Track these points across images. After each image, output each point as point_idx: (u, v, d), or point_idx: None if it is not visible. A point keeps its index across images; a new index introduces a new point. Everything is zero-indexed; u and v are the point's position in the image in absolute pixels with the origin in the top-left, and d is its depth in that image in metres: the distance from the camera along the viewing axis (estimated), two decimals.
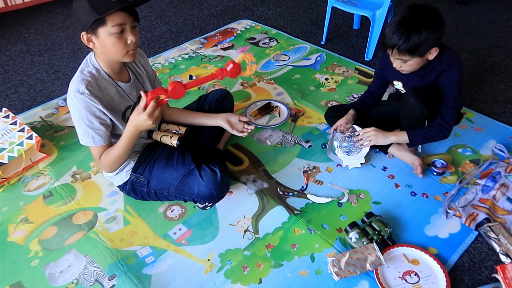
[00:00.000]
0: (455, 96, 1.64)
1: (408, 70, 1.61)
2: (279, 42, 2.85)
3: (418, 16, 1.50)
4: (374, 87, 1.93)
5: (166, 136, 1.64)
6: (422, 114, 1.67)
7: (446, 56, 1.58)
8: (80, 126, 1.44)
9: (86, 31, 1.32)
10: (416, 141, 1.72)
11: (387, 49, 1.56)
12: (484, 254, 1.51)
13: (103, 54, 1.40)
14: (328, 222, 1.63)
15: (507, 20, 3.00)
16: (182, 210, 1.71)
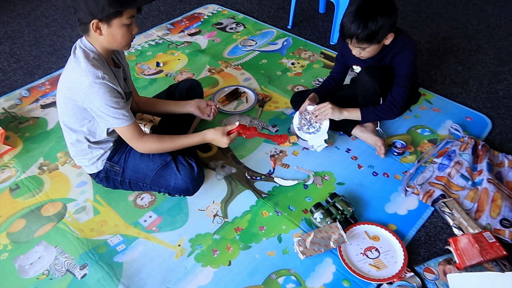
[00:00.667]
0: (406, 76, 1.73)
1: (367, 56, 1.67)
2: (246, 27, 2.85)
3: (373, 5, 1.55)
4: (335, 72, 1.99)
5: (140, 123, 1.67)
6: (375, 90, 1.76)
7: (399, 40, 1.66)
8: (109, 111, 1.41)
9: (99, 19, 1.33)
10: (368, 117, 1.81)
11: (346, 38, 1.61)
12: (439, 228, 1.61)
13: (108, 42, 1.41)
14: (294, 204, 1.70)
15: (466, 3, 3.10)
16: (152, 198, 1.73)
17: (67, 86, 1.43)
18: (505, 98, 2.21)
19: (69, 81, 1.41)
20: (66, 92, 1.44)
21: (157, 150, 1.60)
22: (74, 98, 1.43)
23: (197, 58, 2.55)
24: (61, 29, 2.91)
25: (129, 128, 1.49)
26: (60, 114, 1.55)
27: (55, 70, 2.50)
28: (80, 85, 1.38)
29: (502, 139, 1.97)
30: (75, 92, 1.40)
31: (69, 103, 1.46)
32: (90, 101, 1.39)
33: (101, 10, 1.31)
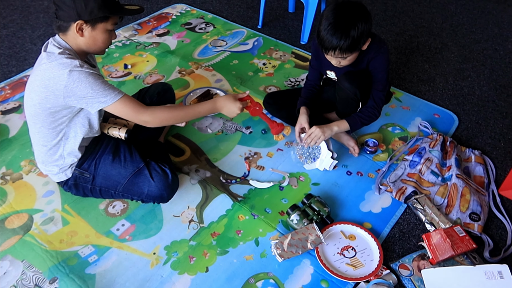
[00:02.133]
0: (383, 80, 1.74)
1: (346, 64, 1.65)
2: (216, 27, 2.82)
3: (349, 13, 1.52)
4: (312, 79, 1.94)
5: (114, 127, 1.60)
6: (356, 96, 1.76)
7: (373, 44, 1.65)
8: (98, 90, 1.33)
9: (85, 20, 1.32)
10: (355, 127, 1.80)
11: (329, 51, 1.57)
12: (412, 225, 1.64)
13: (86, 45, 1.39)
14: (270, 206, 1.69)
15: (430, 2, 3.19)
16: (124, 205, 1.68)
17: (43, 84, 1.34)
18: (469, 95, 2.29)
19: (44, 78, 1.33)
20: (42, 91, 1.35)
21: (169, 119, 1.49)
22: (52, 96, 1.34)
23: (166, 60, 2.50)
24: (20, 30, 2.77)
25: (126, 100, 1.39)
26: (34, 116, 1.45)
27: (15, 74, 2.38)
28: (58, 78, 1.30)
29: (468, 134, 2.04)
30: (54, 87, 1.32)
31: (46, 102, 1.37)
32: (73, 91, 1.31)
33: (90, 12, 1.31)
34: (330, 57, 1.62)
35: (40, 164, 1.61)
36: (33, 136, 1.54)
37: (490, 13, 3.04)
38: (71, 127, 1.47)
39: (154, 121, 1.46)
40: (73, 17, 1.31)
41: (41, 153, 1.55)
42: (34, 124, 1.48)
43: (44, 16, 2.93)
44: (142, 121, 1.45)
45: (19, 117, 2.09)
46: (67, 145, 1.51)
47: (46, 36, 2.71)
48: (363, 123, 1.80)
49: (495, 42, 2.72)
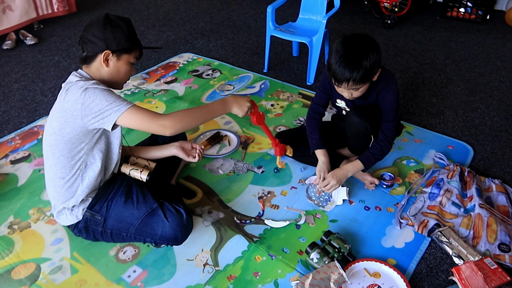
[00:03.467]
0: (393, 111, 1.73)
1: (358, 95, 1.64)
2: (223, 73, 2.88)
3: (359, 44, 1.54)
4: (318, 102, 1.87)
5: (136, 170, 1.59)
6: (367, 130, 1.74)
7: (382, 76, 1.66)
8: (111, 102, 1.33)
9: (112, 51, 1.41)
10: (369, 164, 1.76)
11: (342, 83, 1.56)
12: (439, 259, 1.56)
13: (110, 74, 1.46)
14: (288, 245, 1.62)
15: (430, 41, 3.27)
16: (136, 251, 1.61)
17: (62, 108, 1.39)
18: (481, 125, 2.26)
19: (63, 103, 1.39)
20: (61, 115, 1.39)
21: (187, 120, 1.43)
22: (71, 118, 1.37)
23: (175, 105, 2.52)
24: (31, 84, 2.84)
25: (140, 108, 1.38)
26: (53, 146, 1.45)
27: (25, 125, 2.40)
28: (75, 99, 1.35)
29: (486, 164, 1.99)
30: (72, 109, 1.36)
31: (66, 127, 1.40)
32: (90, 107, 1.33)
33: (117, 43, 1.41)
34: (343, 89, 1.61)
35: (53, 201, 1.56)
36: (50, 169, 1.51)
37: (491, 48, 3.10)
38: (90, 155, 1.48)
39: (173, 124, 1.39)
40: (101, 48, 1.41)
41: (57, 188, 1.51)
42: (52, 155, 1.47)
43: (54, 69, 3.02)
44: (161, 125, 1.37)
45: (28, 166, 2.08)
46: (86, 174, 1.49)
47: (56, 88, 2.77)
48: (376, 159, 1.76)
49: (499, 75, 2.75)
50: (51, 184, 1.54)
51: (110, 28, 1.41)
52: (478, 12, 3.52)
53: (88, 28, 1.43)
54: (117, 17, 1.45)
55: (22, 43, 3.43)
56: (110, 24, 1.41)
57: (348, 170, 1.74)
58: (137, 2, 4.32)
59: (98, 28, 1.41)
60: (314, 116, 1.88)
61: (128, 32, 1.44)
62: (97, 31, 1.40)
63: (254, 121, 1.66)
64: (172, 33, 3.58)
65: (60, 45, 3.41)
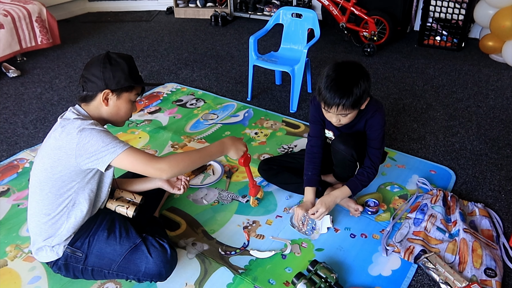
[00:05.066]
0: (380, 138, 1.75)
1: (346, 122, 1.65)
2: (206, 102, 2.89)
3: (350, 71, 1.57)
4: (315, 135, 1.86)
5: (122, 206, 1.57)
6: (352, 157, 1.75)
7: (371, 104, 1.68)
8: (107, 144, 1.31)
9: (112, 90, 1.39)
10: (357, 190, 1.78)
11: (331, 107, 1.57)
12: (427, 286, 1.54)
13: (110, 114, 1.45)
14: (274, 276, 1.58)
15: (409, 67, 3.36)
16: (117, 287, 1.55)
17: (57, 145, 1.36)
18: (461, 150, 2.30)
19: (58, 140, 1.35)
20: (55, 153, 1.36)
21: (186, 164, 1.41)
22: (65, 156, 1.34)
23: (158, 135, 2.51)
24: (13, 116, 2.81)
25: (137, 150, 1.36)
26: (42, 182, 1.42)
27: (5, 158, 2.35)
28: (71, 138, 1.33)
29: (468, 188, 2.01)
30: (66, 147, 1.33)
31: (58, 165, 1.37)
32: (85, 147, 1.31)
33: (117, 82, 1.40)
34: (331, 114, 1.62)
35: (34, 237, 1.50)
36: (35, 204, 1.46)
37: (467, 74, 3.20)
38: (80, 194, 1.44)
39: (171, 168, 1.37)
40: (100, 87, 1.40)
41: (40, 224, 1.46)
42: (40, 190, 1.43)
43: (37, 102, 2.99)
44: (157, 169, 1.35)
45: (6, 200, 2.02)
46: (73, 212, 1.45)
47: (38, 121, 2.74)
48: (363, 186, 1.78)
49: (476, 100, 2.82)
50: (34, 220, 1.49)
51: (109, 67, 1.39)
52: (454, 40, 3.65)
53: (88, 67, 1.42)
54: (118, 54, 1.43)
55: (5, 76, 3.40)
56: (110, 62, 1.40)
57: (337, 197, 1.74)
58: (121, 34, 4.36)
59: (97, 67, 1.39)
60: (311, 150, 1.86)
61: (128, 70, 1.42)
62: (97, 70, 1.39)
63: (241, 162, 1.69)
64: (156, 64, 3.60)
65: (43, 77, 3.40)
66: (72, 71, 3.51)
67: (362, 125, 1.74)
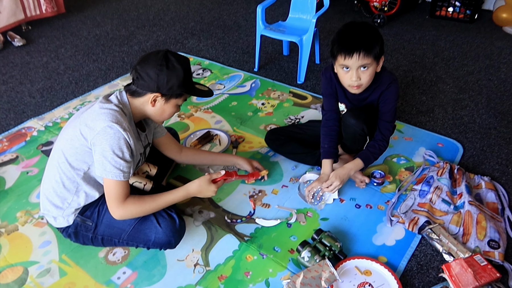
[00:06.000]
0: (392, 112, 1.74)
1: (365, 83, 1.60)
2: (213, 72, 2.86)
3: (364, 25, 1.57)
4: (329, 109, 1.83)
5: (140, 182, 1.62)
6: (363, 132, 1.74)
7: (385, 77, 1.67)
8: (112, 158, 1.34)
9: (162, 94, 1.38)
10: (369, 163, 1.77)
11: (352, 55, 1.52)
12: (430, 256, 1.56)
13: (153, 114, 1.46)
14: (279, 244, 1.61)
15: (420, 39, 3.29)
16: (125, 252, 1.59)
17: (86, 123, 1.37)
18: (470, 123, 2.28)
19: (90, 119, 1.37)
20: (82, 128, 1.38)
21: (138, 213, 1.45)
22: (85, 136, 1.37)
23: None
24: (19, 85, 2.80)
25: (120, 185, 1.38)
26: (65, 146, 1.43)
27: (13, 127, 2.37)
28: (98, 124, 1.34)
29: (475, 161, 2.00)
30: (91, 131, 1.35)
31: (79, 139, 1.39)
32: (99, 141, 1.34)
33: (169, 88, 1.37)
34: (350, 73, 1.58)
35: (45, 202, 1.52)
36: (52, 169, 1.48)
37: (479, 47, 3.13)
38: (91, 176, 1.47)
39: (124, 214, 1.43)
40: (152, 88, 1.37)
41: (52, 191, 1.48)
42: (58, 157, 1.45)
43: (43, 71, 2.98)
44: (112, 210, 1.41)
45: (15, 168, 2.05)
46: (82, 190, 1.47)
47: (44, 90, 2.73)
48: (375, 158, 1.78)
49: (487, 73, 2.77)
50: (46, 186, 1.51)
51: (166, 71, 1.35)
52: (466, 11, 3.55)
53: (143, 63, 1.37)
54: (177, 58, 1.38)
55: (10, 45, 3.38)
56: (167, 66, 1.35)
57: (350, 169, 1.74)
58: (127, 3, 4.29)
59: (154, 68, 1.35)
60: (326, 124, 1.83)
61: (183, 77, 1.38)
62: (152, 71, 1.35)
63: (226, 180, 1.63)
64: (162, 33, 3.56)
65: (49, 46, 3.37)
66: (77, 40, 3.48)
67: (376, 96, 1.72)
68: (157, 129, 1.68)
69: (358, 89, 1.64)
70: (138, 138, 1.50)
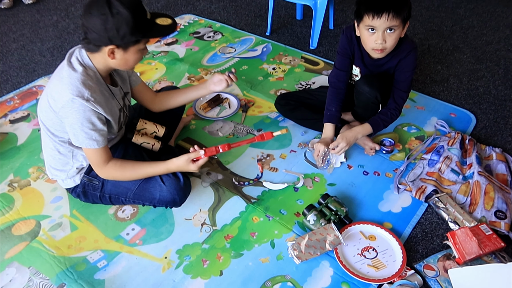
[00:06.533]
0: (409, 81, 1.70)
1: (389, 46, 1.56)
2: (224, 35, 2.81)
3: None
4: (340, 67, 1.77)
5: (148, 143, 1.63)
6: (376, 99, 1.71)
7: (405, 44, 1.62)
8: (82, 130, 1.32)
9: (117, 45, 1.28)
10: (378, 129, 1.76)
11: (381, 16, 1.47)
12: (435, 224, 1.57)
13: (117, 65, 1.37)
14: (285, 207, 1.63)
15: (438, 7, 3.17)
16: (134, 210, 1.62)
17: (51, 94, 1.34)
18: (485, 94, 2.23)
19: (54, 91, 1.33)
20: (49, 99, 1.35)
21: (120, 178, 1.48)
22: (54, 109, 1.34)
23: (175, 67, 2.48)
24: (30, 43, 2.79)
25: (97, 152, 1.38)
26: (42, 117, 1.43)
27: (24, 85, 2.38)
28: (61, 97, 1.29)
29: (487, 133, 1.97)
30: (56, 103, 1.32)
31: (50, 111, 1.37)
32: (67, 115, 1.31)
33: (122, 38, 1.26)
34: (377, 29, 1.52)
35: (49, 168, 1.56)
36: (44, 137, 1.49)
37: (500, 16, 3.01)
38: None
39: (106, 177, 1.48)
40: (104, 42, 1.27)
41: (51, 157, 1.51)
42: (43, 121, 1.44)
43: (53, 29, 2.95)
44: (96, 172, 1.45)
45: (27, 125, 2.07)
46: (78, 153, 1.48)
47: (55, 49, 2.72)
48: (385, 125, 1.76)
49: (507, 43, 2.67)
50: (46, 152, 1.53)
51: (111, 20, 1.21)
52: None
53: (87, 15, 1.23)
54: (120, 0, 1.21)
55: (20, 3, 3.34)
56: (111, 13, 1.21)
57: (358, 132, 1.72)
58: None
59: (98, 19, 1.21)
60: (337, 84, 1.79)
61: (133, 21, 1.23)
62: (98, 23, 1.22)
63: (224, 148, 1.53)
64: None
65: (59, 4, 3.32)
66: None
67: (394, 64, 1.67)
68: (132, 77, 1.61)
69: (381, 53, 1.59)
70: (110, 96, 1.43)
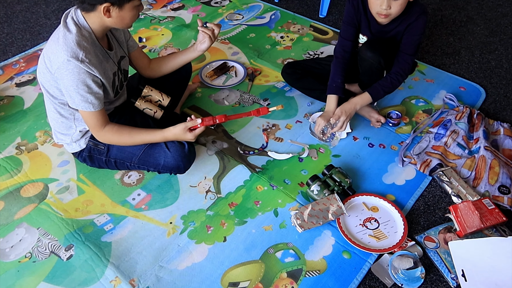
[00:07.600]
0: (416, 45, 1.66)
1: (394, 12, 1.53)
2: (232, 1, 2.75)
3: None
4: (346, 37, 1.75)
5: (150, 110, 1.62)
6: (380, 65, 1.68)
7: (415, 7, 1.58)
8: (78, 92, 1.32)
9: (112, 3, 1.27)
10: (378, 96, 1.73)
11: None
12: (438, 197, 1.58)
13: (114, 24, 1.35)
14: (289, 177, 1.64)
15: None
16: (140, 175, 1.64)
17: (48, 55, 1.33)
18: (497, 68, 2.18)
19: (50, 51, 1.32)
20: (46, 61, 1.35)
21: (117, 142, 1.49)
22: (50, 70, 1.34)
23: (181, 33, 2.44)
24: (34, 6, 2.74)
25: (93, 115, 1.39)
26: (41, 79, 1.43)
27: (29, 48, 2.36)
28: (56, 58, 1.29)
29: (496, 107, 1.95)
30: (51, 64, 1.32)
31: (47, 72, 1.37)
32: (62, 77, 1.31)
33: None
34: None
35: (55, 133, 1.57)
36: (46, 101, 1.50)
37: None
38: None
39: (103, 141, 1.49)
40: (99, 0, 1.26)
41: (54, 121, 1.52)
42: (43, 90, 1.45)
43: None
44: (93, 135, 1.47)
45: (33, 89, 2.07)
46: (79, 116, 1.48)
47: (60, 11, 2.67)
48: (386, 92, 1.72)
49: None
50: (50, 116, 1.54)
51: None
52: None
53: None
54: None
55: None
56: None
57: (356, 103, 1.70)
58: None
59: None
60: (342, 54, 1.75)
61: None
62: None
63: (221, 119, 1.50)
64: None
65: None
66: None
67: (402, 28, 1.64)
68: (129, 42, 1.60)
69: (385, 19, 1.56)
70: (105, 58, 1.41)
